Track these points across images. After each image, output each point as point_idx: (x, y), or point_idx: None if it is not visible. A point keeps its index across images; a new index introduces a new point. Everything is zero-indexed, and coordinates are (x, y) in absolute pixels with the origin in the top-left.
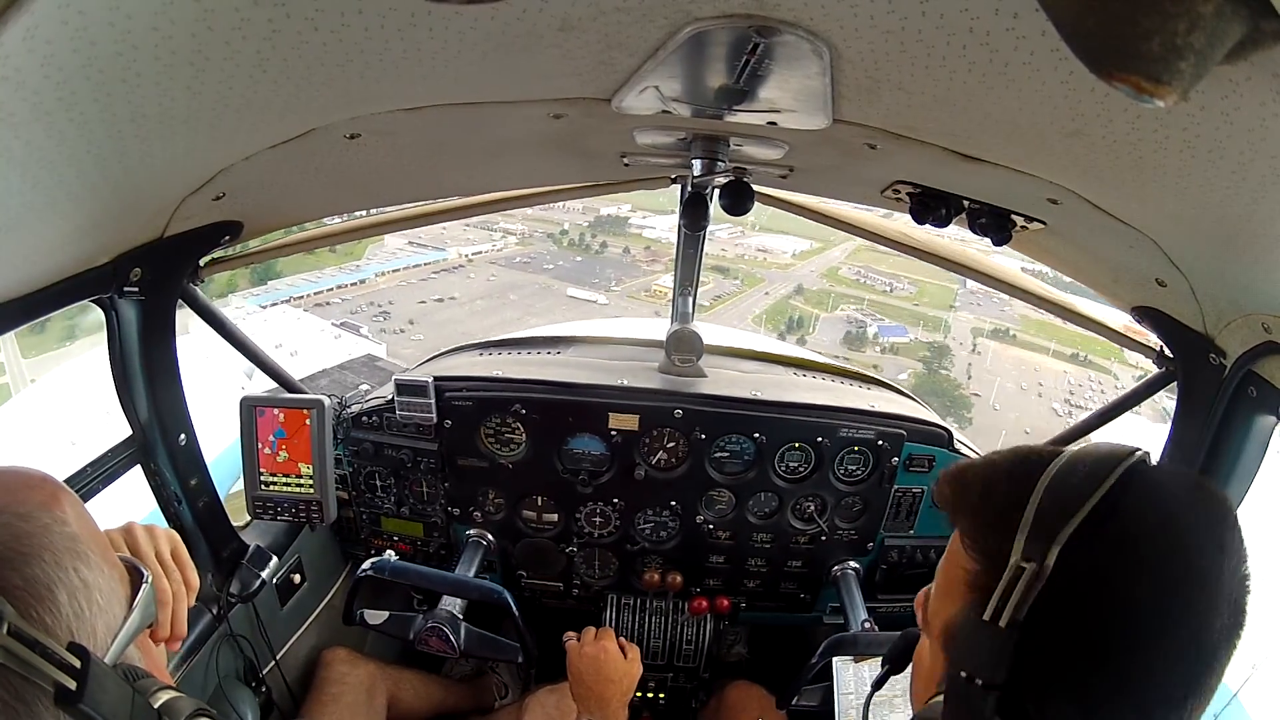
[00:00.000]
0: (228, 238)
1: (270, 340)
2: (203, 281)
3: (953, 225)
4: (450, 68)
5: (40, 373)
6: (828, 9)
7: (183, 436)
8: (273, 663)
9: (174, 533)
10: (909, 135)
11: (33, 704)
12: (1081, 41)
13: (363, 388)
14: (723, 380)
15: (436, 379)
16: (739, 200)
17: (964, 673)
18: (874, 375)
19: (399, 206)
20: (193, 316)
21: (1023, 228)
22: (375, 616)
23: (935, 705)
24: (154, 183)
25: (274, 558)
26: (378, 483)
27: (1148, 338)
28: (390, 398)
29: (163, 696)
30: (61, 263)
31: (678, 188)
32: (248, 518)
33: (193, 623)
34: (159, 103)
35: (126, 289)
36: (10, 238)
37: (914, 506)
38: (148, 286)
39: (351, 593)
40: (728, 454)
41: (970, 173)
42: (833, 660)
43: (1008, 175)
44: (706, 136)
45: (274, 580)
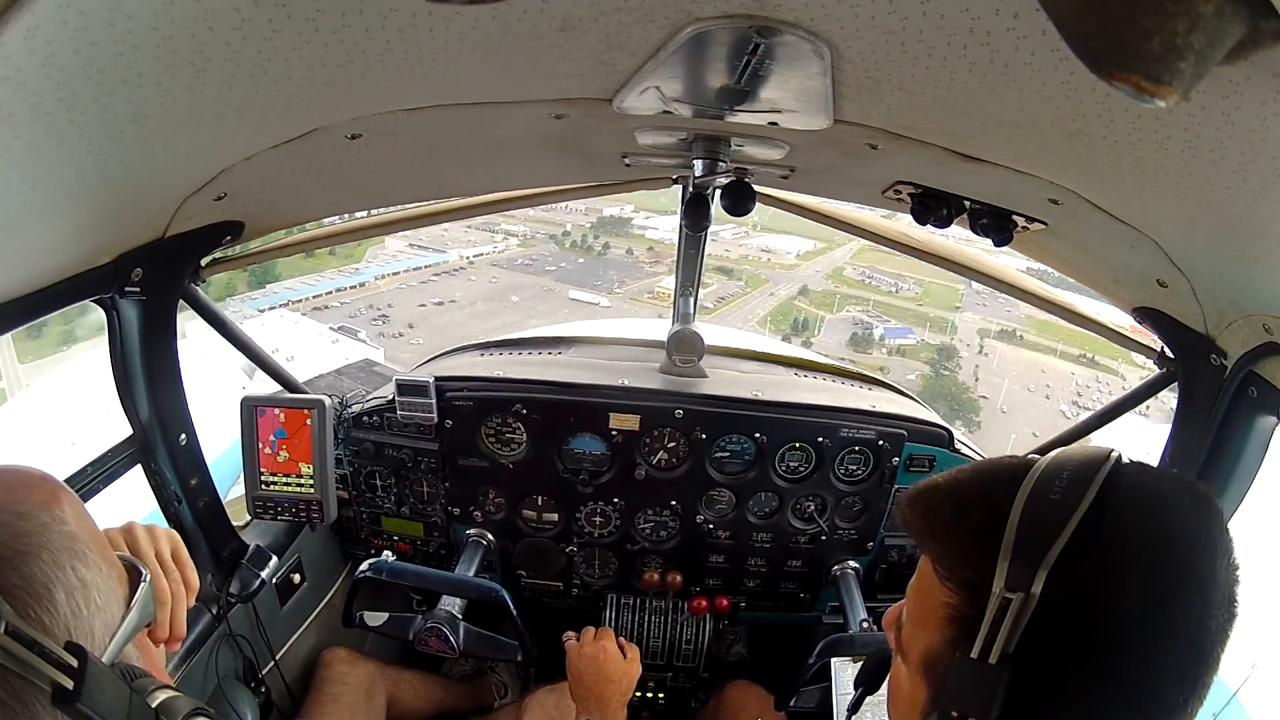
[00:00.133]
0: (229, 238)
1: (266, 345)
2: (204, 281)
3: (954, 226)
4: (451, 68)
5: (36, 377)
6: (828, 9)
7: (183, 436)
8: (272, 663)
9: (174, 533)
10: (910, 135)
11: (30, 703)
12: (1082, 41)
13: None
14: (723, 380)
15: (437, 379)
16: (740, 200)
17: (955, 712)
18: (874, 375)
19: (400, 207)
20: (189, 321)
21: (1024, 228)
22: (375, 618)
23: None
24: (155, 183)
25: (274, 558)
26: (378, 482)
27: (1149, 338)
28: (391, 398)
29: (160, 696)
30: (62, 263)
31: (679, 188)
32: (247, 517)
33: (192, 623)
34: (160, 103)
35: (128, 289)
36: (11, 238)
37: None
38: (149, 286)
39: (350, 594)
40: (728, 454)
41: (971, 173)
42: (831, 660)
43: (1009, 175)
44: (708, 137)
45: (274, 580)
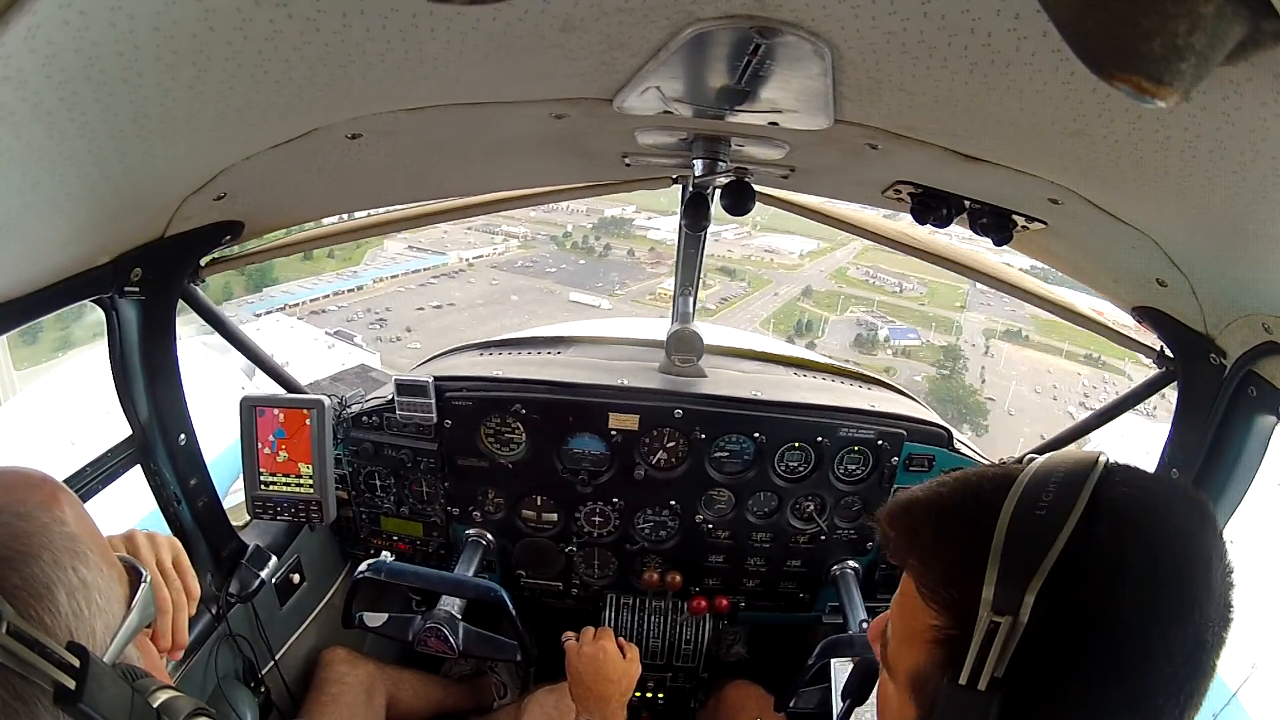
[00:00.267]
0: (228, 238)
1: (247, 365)
2: (203, 281)
3: (954, 225)
4: (452, 68)
5: (31, 384)
6: (829, 10)
7: (182, 436)
8: (272, 663)
9: (176, 541)
10: (910, 135)
11: (32, 703)
12: (1082, 42)
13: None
14: (723, 380)
15: (436, 379)
16: (740, 200)
17: None
18: (873, 375)
19: (400, 206)
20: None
21: (1023, 228)
22: (374, 619)
23: None
24: (155, 183)
25: (273, 558)
26: (377, 482)
27: (1148, 337)
28: (390, 398)
29: (161, 696)
30: (62, 263)
31: (679, 188)
32: (247, 517)
33: (192, 622)
34: (160, 103)
35: (127, 289)
36: (11, 238)
37: None
38: (148, 286)
39: (350, 594)
40: (727, 454)
41: (971, 173)
42: (831, 661)
43: (1009, 175)
44: (708, 137)
45: (273, 580)
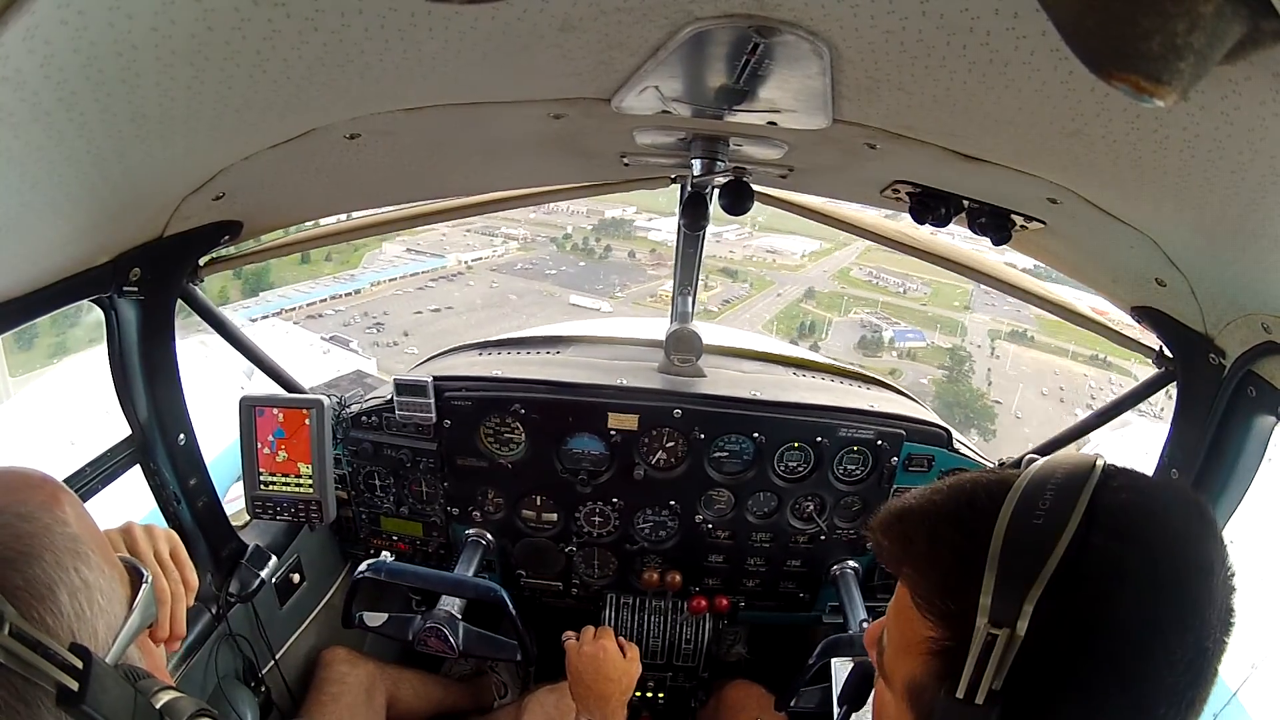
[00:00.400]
0: (227, 237)
1: (246, 365)
2: (201, 281)
3: (953, 225)
4: (450, 68)
5: (29, 391)
6: (828, 9)
7: (182, 436)
8: (272, 662)
9: (173, 533)
10: (909, 135)
11: (34, 704)
12: (1081, 41)
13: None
14: (722, 380)
15: (436, 379)
16: (738, 200)
17: None
18: (873, 375)
19: (399, 206)
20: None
21: (1022, 227)
22: (374, 619)
23: None
24: (154, 183)
25: (273, 557)
26: (377, 482)
27: (1148, 337)
28: (389, 398)
29: (164, 697)
30: (61, 263)
31: (678, 188)
32: (247, 517)
33: (192, 622)
34: (159, 103)
35: (126, 289)
36: (10, 238)
37: None
38: (147, 286)
39: (350, 594)
40: (727, 454)
41: (970, 172)
42: (831, 661)
43: (1007, 175)
44: (706, 136)
45: (273, 580)
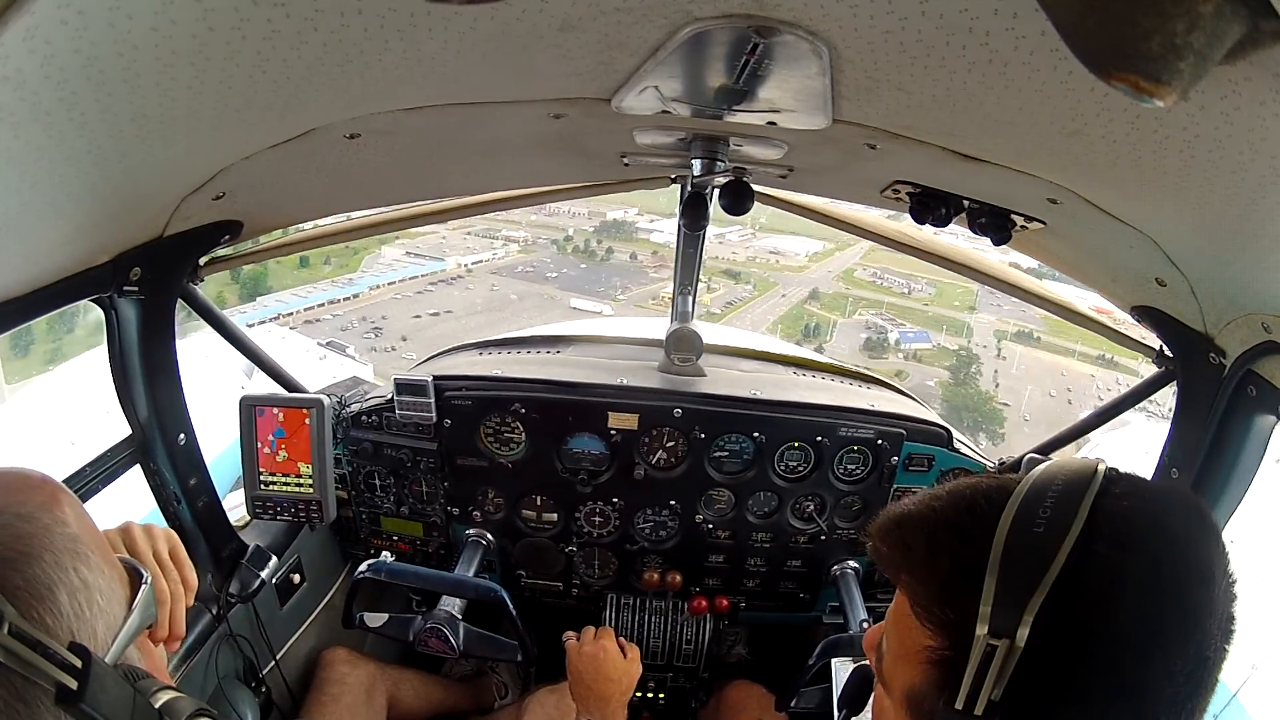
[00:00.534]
0: (227, 237)
1: (246, 365)
2: (202, 281)
3: (953, 225)
4: (450, 68)
5: (25, 399)
6: (827, 9)
7: (182, 436)
8: (272, 663)
9: (172, 532)
10: (909, 135)
11: (34, 704)
12: (1081, 41)
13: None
14: (722, 379)
15: (436, 378)
16: (739, 200)
17: None
18: (873, 375)
19: (399, 206)
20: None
21: (1022, 227)
22: (375, 619)
23: None
24: (154, 182)
25: (273, 558)
26: (377, 482)
27: (1148, 337)
28: (390, 397)
29: (163, 697)
30: (61, 262)
31: (678, 188)
32: (247, 517)
33: (192, 623)
34: (159, 103)
35: (126, 288)
36: (10, 237)
37: None
38: (147, 286)
39: (350, 594)
40: (727, 453)
41: (970, 172)
42: (831, 661)
43: (1007, 175)
44: (706, 136)
45: (273, 580)
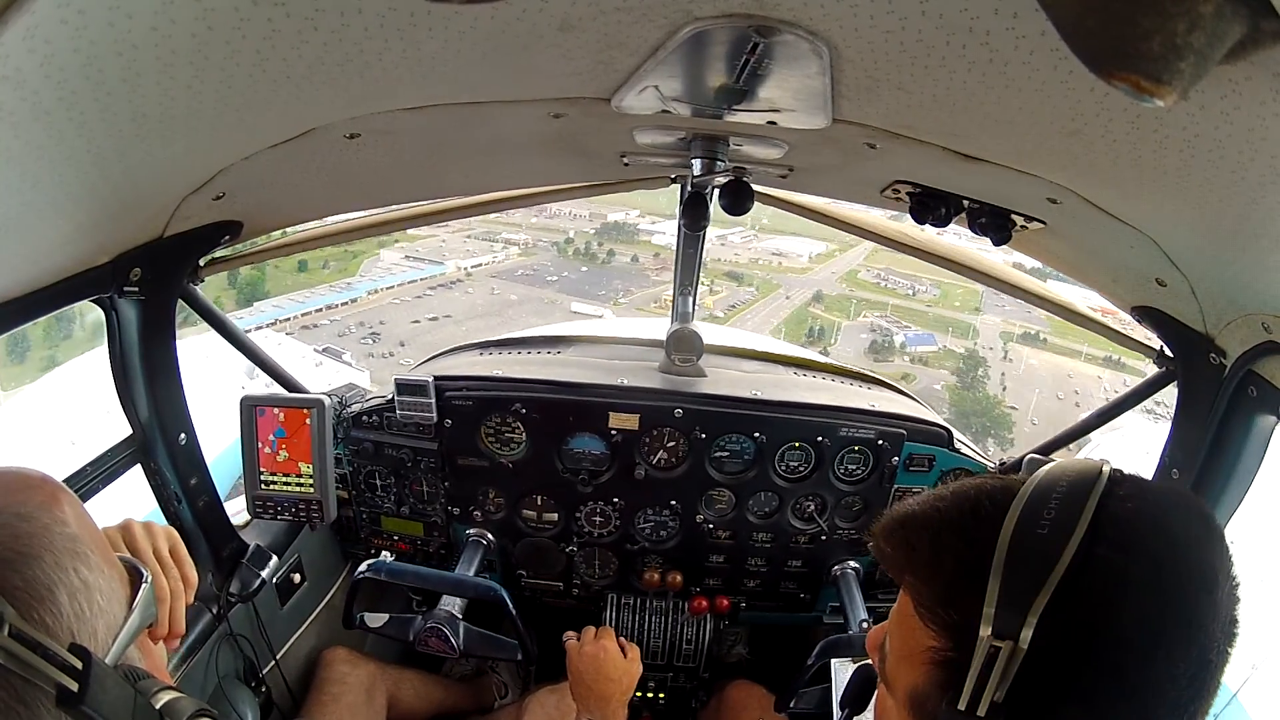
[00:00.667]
0: (227, 237)
1: (240, 373)
2: (202, 281)
3: (953, 225)
4: (450, 67)
5: (22, 404)
6: (827, 9)
7: (183, 436)
8: (273, 662)
9: (172, 530)
10: (909, 135)
11: (34, 705)
12: (1081, 41)
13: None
14: (723, 380)
15: (437, 378)
16: (739, 200)
17: None
18: (874, 375)
19: (399, 206)
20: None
21: (1022, 227)
22: (375, 619)
23: None
24: (154, 182)
25: (274, 557)
26: (378, 482)
27: (1148, 337)
28: (390, 397)
29: (164, 697)
30: (61, 263)
31: (678, 188)
32: (247, 517)
33: (192, 622)
34: (159, 102)
35: (126, 289)
36: (10, 237)
37: None
38: (147, 286)
39: (350, 594)
40: (728, 453)
41: (970, 172)
42: (831, 661)
43: (1007, 175)
44: (706, 136)
45: (274, 580)
